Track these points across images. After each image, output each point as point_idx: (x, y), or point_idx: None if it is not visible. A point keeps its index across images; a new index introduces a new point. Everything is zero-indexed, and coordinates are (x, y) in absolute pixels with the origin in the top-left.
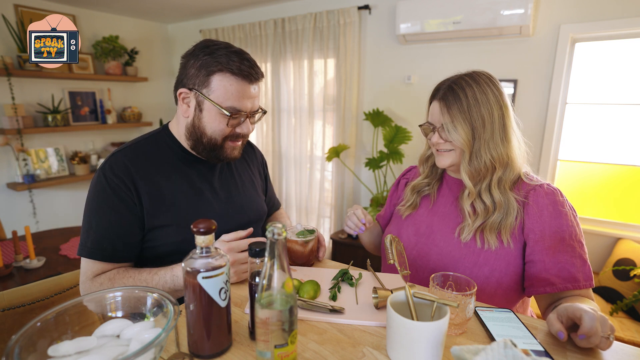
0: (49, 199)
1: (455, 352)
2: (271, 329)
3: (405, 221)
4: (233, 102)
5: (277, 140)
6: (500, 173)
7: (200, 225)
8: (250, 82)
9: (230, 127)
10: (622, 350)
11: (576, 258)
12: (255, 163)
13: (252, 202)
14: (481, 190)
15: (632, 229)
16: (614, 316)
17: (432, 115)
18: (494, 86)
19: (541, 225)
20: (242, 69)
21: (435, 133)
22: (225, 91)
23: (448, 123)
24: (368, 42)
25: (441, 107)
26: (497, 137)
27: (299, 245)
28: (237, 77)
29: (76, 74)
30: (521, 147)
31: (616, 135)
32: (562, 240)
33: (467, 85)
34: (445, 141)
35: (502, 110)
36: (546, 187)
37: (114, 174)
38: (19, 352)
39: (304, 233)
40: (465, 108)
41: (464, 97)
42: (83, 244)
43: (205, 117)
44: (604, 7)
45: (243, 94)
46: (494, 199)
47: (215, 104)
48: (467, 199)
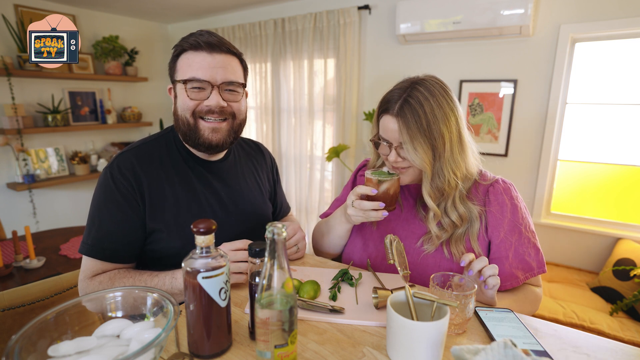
0: (49, 199)
1: (455, 352)
2: (271, 329)
3: (371, 229)
4: (192, 72)
5: (277, 140)
6: (461, 186)
7: (200, 225)
8: (210, 52)
9: (193, 100)
10: (622, 350)
11: (531, 248)
12: (265, 168)
13: (256, 209)
14: (447, 208)
15: (632, 229)
16: (614, 316)
17: (386, 131)
18: (448, 96)
19: (503, 222)
20: (198, 42)
21: (393, 151)
22: (186, 66)
23: (407, 142)
24: (368, 42)
25: (399, 124)
26: (455, 152)
27: (372, 184)
28: (195, 50)
29: (76, 74)
30: (474, 151)
31: (616, 135)
32: (519, 234)
33: (424, 99)
34: (404, 159)
35: (457, 123)
36: (501, 182)
37: (121, 173)
38: (19, 352)
39: (380, 173)
40: (425, 127)
41: (423, 113)
42: (84, 242)
43: (178, 100)
44: (604, 7)
45: (202, 63)
46: (459, 213)
47: (178, 82)
48: (433, 220)
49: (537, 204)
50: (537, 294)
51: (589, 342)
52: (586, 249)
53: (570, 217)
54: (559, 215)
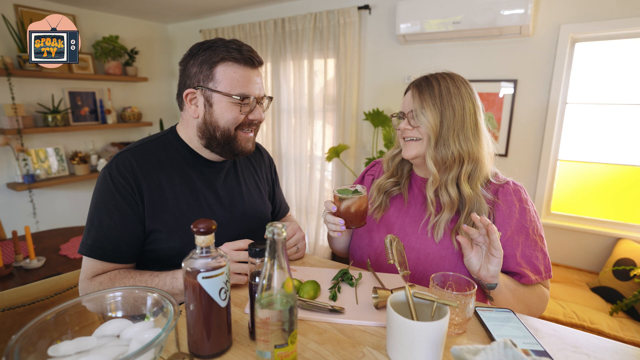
0: (49, 199)
1: (455, 352)
2: (271, 329)
3: (377, 224)
4: (241, 88)
5: (277, 140)
6: (470, 168)
7: (200, 225)
8: (253, 67)
9: (243, 115)
10: (622, 350)
11: (538, 252)
12: (264, 168)
13: (255, 209)
14: (447, 181)
15: (632, 229)
16: (614, 316)
17: (403, 104)
18: (468, 86)
19: (511, 220)
20: (243, 55)
21: (404, 119)
22: (232, 79)
23: (417, 108)
24: (368, 42)
25: (413, 94)
26: (468, 130)
27: (335, 201)
28: (239, 63)
29: (76, 74)
30: (490, 149)
31: (616, 135)
32: (527, 235)
33: (442, 78)
34: (413, 127)
35: (474, 108)
36: (512, 184)
37: (120, 173)
38: (19, 352)
39: (345, 191)
40: (436, 94)
41: (437, 86)
42: (84, 242)
43: (217, 111)
44: (604, 7)
45: (249, 79)
46: (463, 193)
47: (224, 94)
48: (431, 186)
49: (537, 204)
50: (546, 294)
51: (589, 342)
52: (586, 249)
53: (570, 217)
54: (559, 215)
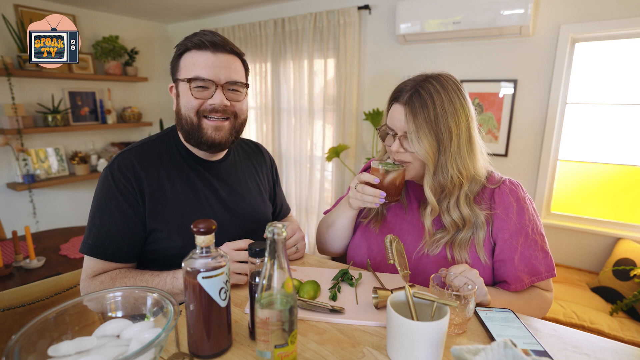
0: (49, 199)
1: (455, 352)
2: (271, 329)
3: (372, 229)
4: (197, 71)
5: (277, 140)
6: (467, 188)
7: (200, 225)
8: (214, 51)
9: (198, 99)
10: (622, 350)
11: (539, 251)
12: (265, 168)
13: (256, 210)
14: (449, 206)
15: (632, 229)
16: (614, 316)
17: (393, 120)
18: (461, 94)
19: (508, 223)
20: (202, 41)
21: (396, 140)
22: (191, 65)
23: (412, 132)
24: (368, 42)
25: (406, 113)
26: (463, 150)
27: (376, 174)
28: (199, 49)
29: (76, 74)
30: (484, 154)
31: (616, 135)
32: (526, 236)
33: (434, 91)
34: (406, 151)
35: (468, 122)
36: (508, 183)
37: (121, 172)
38: (19, 352)
39: (388, 164)
40: (432, 118)
41: (432, 105)
42: (85, 241)
43: (181, 99)
44: (604, 7)
45: (207, 62)
46: (463, 215)
47: (181, 80)
48: (429, 215)
49: (537, 204)
50: (545, 298)
51: (589, 342)
52: (586, 249)
53: (570, 217)
54: (559, 215)
